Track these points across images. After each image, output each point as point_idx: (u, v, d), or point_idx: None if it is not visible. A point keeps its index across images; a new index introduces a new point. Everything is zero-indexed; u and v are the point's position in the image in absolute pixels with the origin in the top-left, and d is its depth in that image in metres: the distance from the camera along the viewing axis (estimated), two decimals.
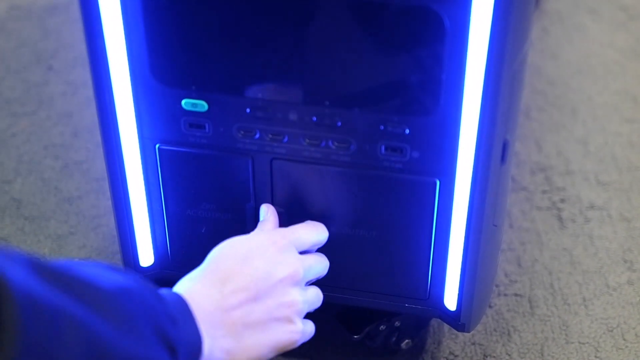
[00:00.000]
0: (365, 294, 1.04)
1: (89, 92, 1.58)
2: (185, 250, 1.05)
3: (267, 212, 0.98)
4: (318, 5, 0.85)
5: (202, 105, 0.93)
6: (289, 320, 0.89)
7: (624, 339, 1.18)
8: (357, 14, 0.85)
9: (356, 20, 0.85)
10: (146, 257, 1.05)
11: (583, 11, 1.85)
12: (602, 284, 1.25)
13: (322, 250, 0.98)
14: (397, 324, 1.09)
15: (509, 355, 1.15)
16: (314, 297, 0.95)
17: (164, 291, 0.83)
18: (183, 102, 0.93)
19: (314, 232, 0.97)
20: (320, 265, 0.96)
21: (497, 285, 1.24)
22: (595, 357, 1.16)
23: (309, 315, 0.93)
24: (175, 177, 0.99)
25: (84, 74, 1.63)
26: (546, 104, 1.59)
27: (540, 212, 1.37)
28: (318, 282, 0.97)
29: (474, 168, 0.90)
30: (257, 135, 0.94)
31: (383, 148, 0.92)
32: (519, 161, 1.45)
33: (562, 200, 1.39)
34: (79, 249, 1.30)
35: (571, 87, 1.63)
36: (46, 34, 1.76)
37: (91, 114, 1.52)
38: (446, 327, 1.17)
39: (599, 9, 1.85)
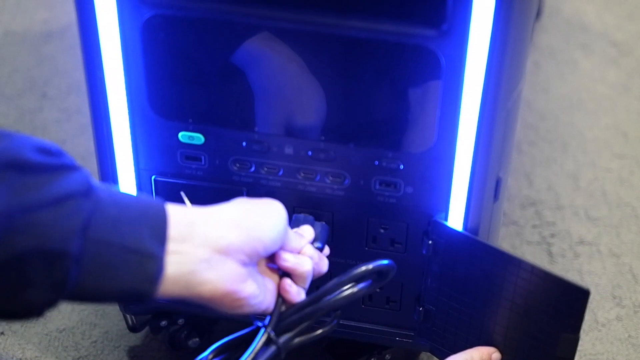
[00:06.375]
0: (357, 326, 1.04)
1: (82, 119, 1.58)
2: None
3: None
4: (314, 42, 0.86)
5: (198, 138, 0.94)
6: None
7: None
8: (353, 51, 0.86)
9: (353, 57, 0.86)
10: None
11: (574, 46, 1.86)
12: (590, 319, 1.26)
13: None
14: (387, 356, 1.09)
15: None
16: None
17: None
18: (180, 134, 0.94)
19: None
20: None
21: None
22: None
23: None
24: None
25: (78, 102, 1.63)
26: (537, 138, 1.60)
27: (530, 246, 1.38)
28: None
29: (467, 205, 0.91)
30: (253, 169, 0.95)
31: (377, 183, 0.93)
32: (510, 195, 1.46)
33: (552, 235, 1.40)
34: None
35: (562, 122, 1.64)
36: (41, 61, 1.76)
37: (85, 142, 1.52)
38: None
39: (590, 44, 1.87)
